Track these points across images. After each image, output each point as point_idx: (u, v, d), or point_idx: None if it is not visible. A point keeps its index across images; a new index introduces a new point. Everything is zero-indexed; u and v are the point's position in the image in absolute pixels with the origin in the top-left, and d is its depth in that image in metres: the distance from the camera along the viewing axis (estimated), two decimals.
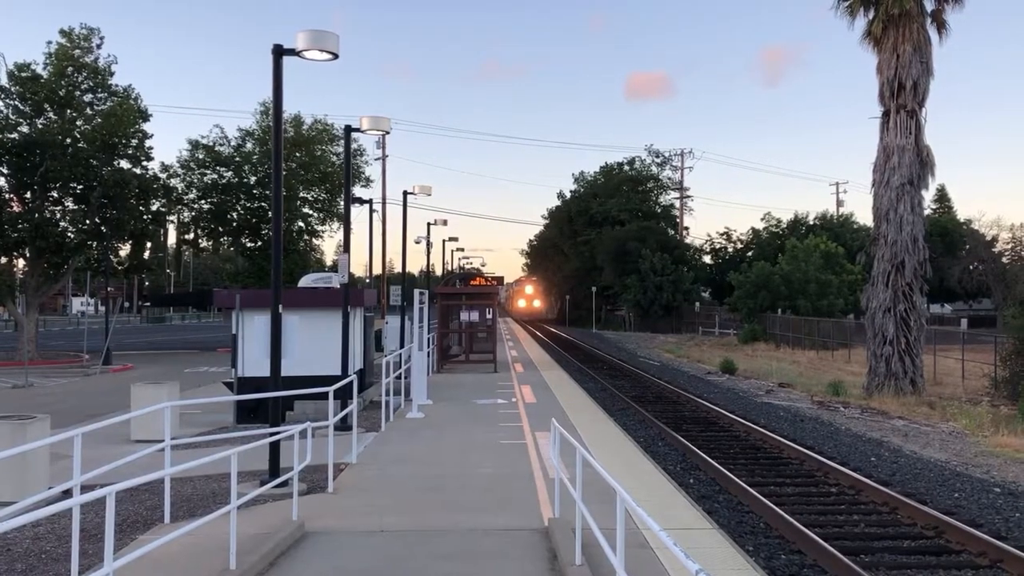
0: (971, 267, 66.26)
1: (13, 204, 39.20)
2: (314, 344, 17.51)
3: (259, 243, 48.81)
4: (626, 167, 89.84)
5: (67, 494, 7.57)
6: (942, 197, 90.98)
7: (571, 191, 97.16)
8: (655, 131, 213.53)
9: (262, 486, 9.76)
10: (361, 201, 37.03)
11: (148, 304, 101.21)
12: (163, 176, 45.45)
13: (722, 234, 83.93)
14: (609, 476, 5.99)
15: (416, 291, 20.96)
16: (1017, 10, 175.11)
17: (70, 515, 6.23)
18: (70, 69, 39.61)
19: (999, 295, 60.35)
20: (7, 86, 38.54)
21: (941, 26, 28.34)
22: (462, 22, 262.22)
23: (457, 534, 8.81)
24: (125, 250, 46.47)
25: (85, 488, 7.36)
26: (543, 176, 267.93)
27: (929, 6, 28.29)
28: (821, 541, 9.82)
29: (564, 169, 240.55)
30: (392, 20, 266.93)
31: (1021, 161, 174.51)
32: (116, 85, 41.15)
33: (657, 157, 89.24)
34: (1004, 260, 66.72)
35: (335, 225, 51.94)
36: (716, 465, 14.47)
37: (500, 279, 36.26)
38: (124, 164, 41.47)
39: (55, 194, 40.64)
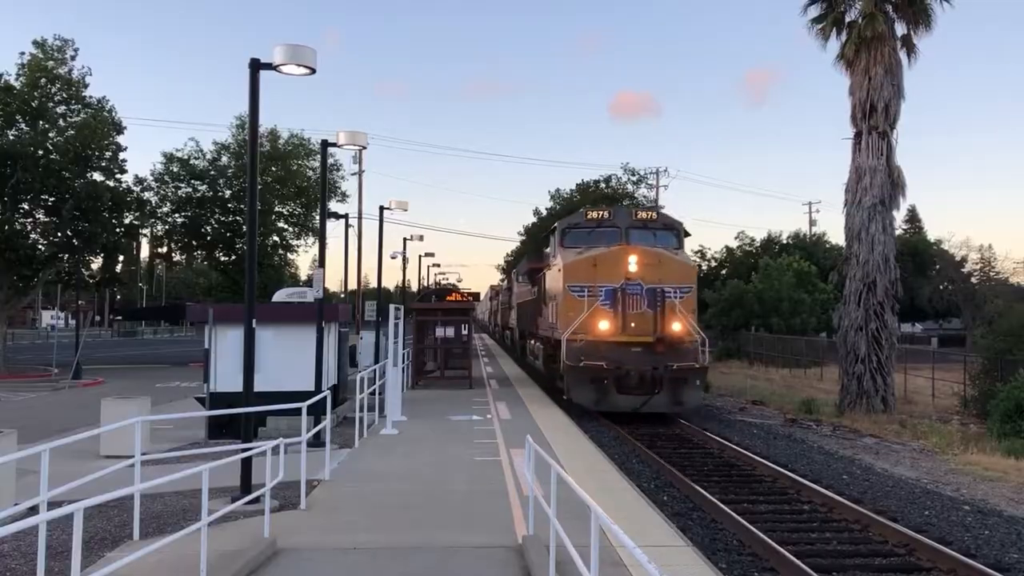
0: (941, 287, 67.16)
1: None
2: (288, 359, 17.38)
3: (233, 257, 48.56)
4: (602, 185, 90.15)
5: (33, 510, 7.46)
6: (913, 217, 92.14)
7: (547, 208, 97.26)
8: (637, 150, 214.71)
9: (234, 503, 9.68)
10: (337, 216, 37.09)
11: (119, 318, 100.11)
12: (137, 189, 45.13)
13: (696, 252, 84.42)
14: (584, 493, 5.99)
15: (391, 306, 20.89)
16: (985, 33, 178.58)
17: (36, 532, 6.14)
18: (43, 80, 39.32)
19: (968, 315, 61.17)
20: None
21: (911, 50, 28.83)
22: (447, 40, 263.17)
23: (431, 552, 8.76)
24: (97, 263, 46.06)
25: (52, 504, 7.25)
26: (522, 193, 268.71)
27: (900, 30, 28.81)
28: (794, 559, 9.86)
29: (545, 186, 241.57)
30: (375, 36, 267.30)
31: (990, 183, 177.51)
32: (90, 96, 40.91)
33: (633, 175, 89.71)
34: (973, 280, 67.65)
35: (310, 240, 51.81)
36: (690, 483, 14.51)
37: (476, 295, 36.26)
38: (97, 176, 41.13)
39: (26, 206, 40.20)
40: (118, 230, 42.53)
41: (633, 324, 22.00)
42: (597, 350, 21.71)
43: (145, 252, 76.87)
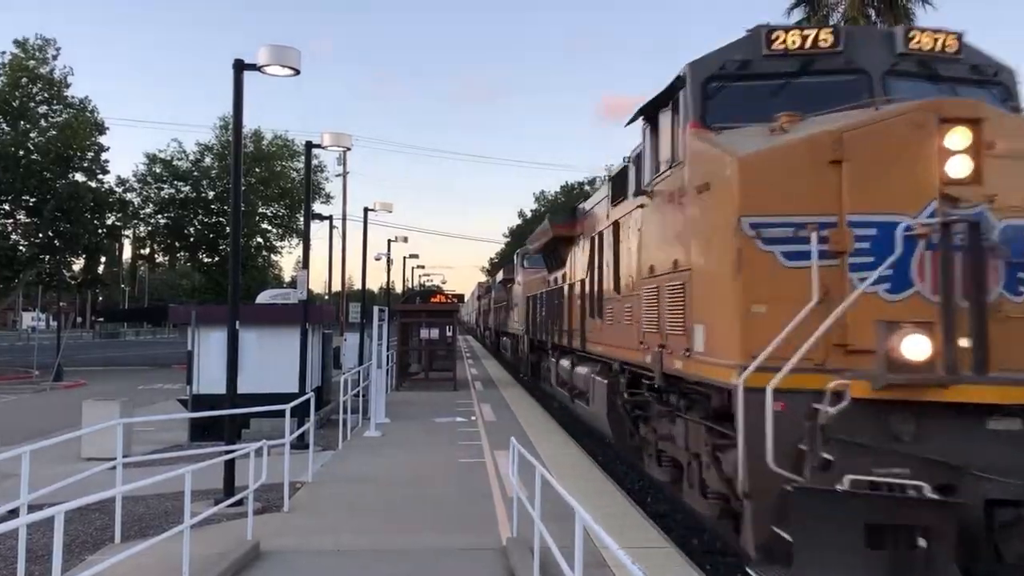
0: None
1: None
2: (271, 361, 17.32)
3: (216, 258, 48.41)
4: (586, 186, 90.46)
5: (14, 514, 7.40)
6: None
7: (532, 210, 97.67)
8: (624, 152, 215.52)
9: (216, 505, 9.64)
10: (321, 217, 36.92)
11: (101, 319, 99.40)
12: (119, 190, 44.95)
13: None
14: (567, 495, 6.00)
15: (375, 308, 20.84)
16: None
17: (16, 535, 6.09)
18: (24, 80, 39.08)
19: None
20: None
21: None
22: (436, 41, 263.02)
23: (414, 554, 8.74)
24: (78, 264, 45.82)
25: (33, 507, 7.20)
26: (508, 195, 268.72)
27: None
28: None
29: (531, 188, 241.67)
30: (360, 38, 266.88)
31: None
32: (72, 96, 40.74)
33: None
34: None
35: (294, 241, 51.72)
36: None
37: (460, 296, 36.17)
38: (79, 177, 40.96)
39: (7, 207, 39.99)
40: (100, 231, 42.37)
41: (1003, 342, 7.50)
42: (886, 430, 7.31)
43: (127, 253, 76.53)
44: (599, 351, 15.26)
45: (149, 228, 49.72)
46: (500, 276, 44.45)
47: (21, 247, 40.27)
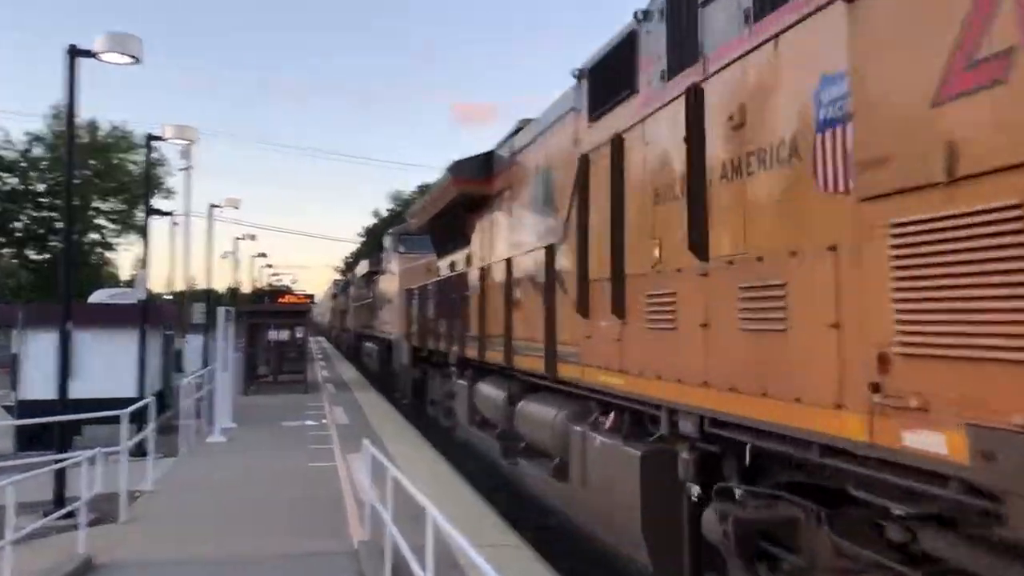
0: None
1: None
2: (107, 364, 16.49)
3: (46, 255, 45.58)
4: None
5: None
6: None
7: (388, 210, 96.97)
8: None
9: (45, 517, 9.06)
10: (162, 213, 35.28)
11: None
12: None
13: None
14: (419, 495, 5.97)
15: (221, 308, 20.13)
16: None
17: None
18: None
19: None
20: None
21: None
22: (285, 38, 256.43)
23: (263, 562, 8.48)
24: None
25: None
26: (363, 196, 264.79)
27: None
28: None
29: (386, 190, 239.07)
30: (194, 34, 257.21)
31: None
32: None
33: None
34: None
35: (132, 238, 49.26)
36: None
37: (311, 296, 35.49)
38: None
39: None
40: None
41: None
42: None
43: None
44: (611, 385, 7.47)
45: None
46: (362, 268, 36.24)
47: None
